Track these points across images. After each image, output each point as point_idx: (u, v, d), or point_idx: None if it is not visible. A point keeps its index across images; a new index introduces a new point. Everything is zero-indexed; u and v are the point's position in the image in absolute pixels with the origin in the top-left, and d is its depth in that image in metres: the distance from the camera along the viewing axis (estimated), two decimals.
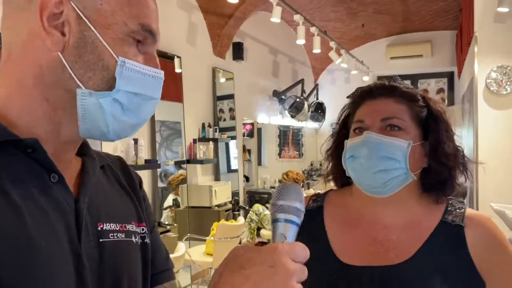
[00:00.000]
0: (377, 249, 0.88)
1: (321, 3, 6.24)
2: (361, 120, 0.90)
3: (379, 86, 0.93)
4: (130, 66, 0.56)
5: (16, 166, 0.53)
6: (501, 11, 3.91)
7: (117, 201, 0.66)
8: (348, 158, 0.89)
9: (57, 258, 0.52)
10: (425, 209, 0.91)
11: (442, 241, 0.86)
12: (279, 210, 0.55)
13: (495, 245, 0.85)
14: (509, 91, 4.03)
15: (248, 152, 5.90)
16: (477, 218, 0.88)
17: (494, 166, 4.08)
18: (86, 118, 0.56)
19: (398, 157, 0.85)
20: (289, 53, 7.01)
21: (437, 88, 7.62)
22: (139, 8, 0.58)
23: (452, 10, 6.48)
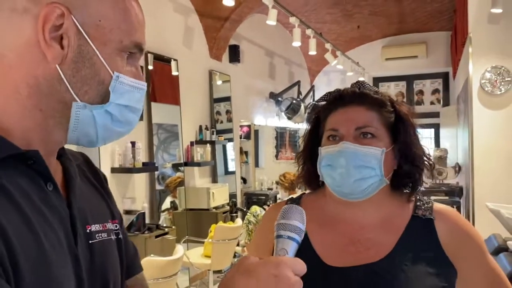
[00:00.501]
0: (358, 249, 0.91)
1: (317, 5, 6.27)
2: (335, 128, 0.92)
3: (351, 93, 0.95)
4: (122, 80, 0.59)
5: (20, 178, 0.54)
6: (495, 12, 3.95)
7: (94, 201, 0.69)
8: (325, 166, 0.92)
9: (64, 265, 0.55)
10: (397, 207, 0.95)
11: (415, 234, 0.91)
12: (282, 228, 0.63)
13: (463, 234, 0.92)
14: (503, 91, 4.07)
15: (245, 154, 5.92)
16: (445, 211, 0.95)
17: (489, 166, 4.12)
18: (77, 128, 0.59)
19: (373, 165, 0.89)
20: (285, 55, 7.04)
21: (432, 88, 7.67)
22: (132, 25, 0.60)
23: (446, 11, 6.53)
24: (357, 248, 0.92)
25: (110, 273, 0.65)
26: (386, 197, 0.95)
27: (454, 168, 5.87)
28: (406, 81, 7.79)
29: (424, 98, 7.73)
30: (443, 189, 5.52)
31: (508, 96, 4.07)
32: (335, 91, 0.99)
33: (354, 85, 0.99)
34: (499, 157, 4.10)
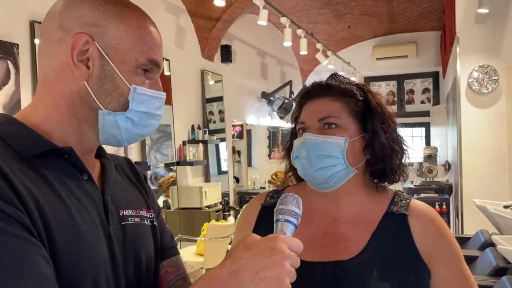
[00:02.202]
0: (328, 242, 0.92)
1: (308, 5, 6.32)
2: (303, 121, 0.95)
3: (316, 86, 0.97)
4: (140, 91, 0.71)
5: (58, 168, 0.67)
6: (481, 12, 4.03)
7: (130, 192, 0.82)
8: (294, 158, 0.95)
9: (95, 238, 0.68)
10: (373, 201, 0.95)
11: (388, 231, 0.91)
12: (279, 213, 0.67)
13: (437, 232, 0.91)
14: (490, 90, 4.15)
15: (237, 154, 5.96)
16: (420, 208, 0.93)
17: (477, 163, 4.19)
18: (105, 131, 0.72)
19: (336, 154, 0.89)
20: (277, 55, 7.09)
21: (422, 88, 7.75)
22: (148, 45, 0.72)
23: (436, 11, 6.61)
24: (328, 242, 0.92)
25: (142, 252, 0.77)
26: (360, 190, 0.95)
27: (444, 166, 5.95)
28: (397, 80, 7.87)
29: (414, 97, 7.81)
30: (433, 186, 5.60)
31: (494, 94, 4.15)
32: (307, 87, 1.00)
33: (329, 78, 1.00)
34: (486, 155, 4.17)
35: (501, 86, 4.14)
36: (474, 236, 3.42)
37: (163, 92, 0.75)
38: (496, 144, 4.15)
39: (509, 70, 4.11)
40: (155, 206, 0.87)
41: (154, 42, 0.73)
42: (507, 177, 4.13)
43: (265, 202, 1.03)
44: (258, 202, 1.04)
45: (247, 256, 0.59)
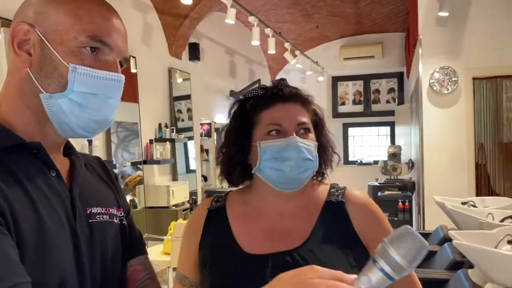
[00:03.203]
0: (276, 236, 0.97)
1: (276, 5, 6.37)
2: (278, 123, 0.97)
3: (289, 92, 1.01)
4: (82, 71, 0.69)
5: (26, 164, 0.68)
6: (442, 16, 4.17)
7: (100, 190, 0.82)
8: (269, 159, 0.96)
9: (60, 234, 0.67)
10: (314, 194, 1.04)
11: (329, 219, 0.99)
12: (383, 255, 0.52)
13: (372, 216, 0.99)
14: (450, 91, 4.30)
15: (206, 152, 5.94)
16: (356, 195, 1.03)
17: (438, 162, 4.35)
18: (54, 117, 0.70)
19: (313, 157, 0.97)
20: (245, 53, 7.10)
21: (388, 88, 7.94)
22: (90, 24, 0.71)
23: (400, 13, 6.79)
24: (275, 236, 0.98)
25: (109, 250, 0.77)
26: (307, 185, 1.02)
27: (408, 164, 6.13)
28: (364, 80, 8.03)
29: (380, 97, 7.99)
30: (397, 184, 5.76)
31: (454, 95, 4.31)
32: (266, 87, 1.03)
33: (276, 81, 1.04)
34: (446, 153, 4.33)
35: (460, 87, 4.30)
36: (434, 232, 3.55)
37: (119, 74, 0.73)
38: (455, 143, 4.31)
39: (467, 71, 4.28)
40: (125, 205, 0.87)
41: (101, 21, 0.72)
42: (465, 175, 4.30)
43: (211, 207, 1.07)
44: (205, 207, 1.09)
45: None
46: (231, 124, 1.06)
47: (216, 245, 1.02)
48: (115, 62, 0.73)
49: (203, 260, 1.02)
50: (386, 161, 6.16)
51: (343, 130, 8.03)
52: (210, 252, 1.01)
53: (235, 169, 1.04)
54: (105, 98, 0.72)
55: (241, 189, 1.10)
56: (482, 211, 2.89)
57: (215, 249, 1.01)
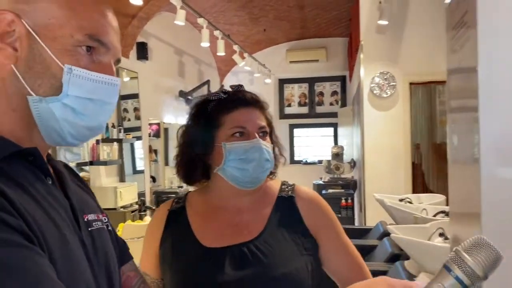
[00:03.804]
0: (234, 230, 1.06)
1: (225, 7, 6.43)
2: (243, 126, 1.05)
3: (250, 97, 1.09)
4: (78, 73, 0.61)
5: (25, 172, 0.60)
6: (382, 24, 4.44)
7: (85, 196, 0.75)
8: (235, 160, 1.03)
9: (76, 246, 0.62)
10: (267, 190, 1.13)
11: (281, 213, 1.08)
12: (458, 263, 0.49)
13: (319, 209, 1.11)
14: (389, 95, 4.59)
15: (154, 153, 5.89)
16: (304, 190, 1.14)
17: (378, 161, 4.61)
18: (42, 123, 0.62)
19: (271, 158, 1.06)
20: (194, 54, 7.11)
21: (331, 90, 8.26)
22: (87, 21, 0.63)
23: (344, 19, 7.09)
24: (233, 230, 1.06)
25: (110, 258, 0.71)
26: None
27: (350, 163, 6.43)
28: (309, 83, 8.30)
29: (324, 99, 8.29)
30: (340, 182, 6.02)
31: (393, 98, 4.60)
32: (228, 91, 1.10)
33: (235, 86, 1.12)
34: (385, 153, 4.61)
35: (398, 91, 4.59)
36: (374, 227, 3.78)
37: (116, 77, 0.66)
38: (393, 144, 4.60)
39: (405, 77, 4.58)
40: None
41: (98, 18, 0.64)
42: (402, 174, 4.60)
43: (172, 207, 1.12)
44: (166, 208, 1.14)
45: None
46: (192, 124, 1.10)
47: (177, 243, 1.07)
48: (110, 64, 0.66)
49: (164, 258, 1.07)
50: (329, 160, 6.42)
51: (289, 130, 8.25)
52: (171, 250, 1.07)
53: (196, 169, 1.09)
54: (101, 104, 0.64)
55: (200, 189, 1.16)
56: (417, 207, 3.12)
57: (176, 246, 1.07)
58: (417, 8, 4.49)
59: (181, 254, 1.06)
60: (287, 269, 1.00)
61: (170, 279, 1.04)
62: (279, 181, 1.16)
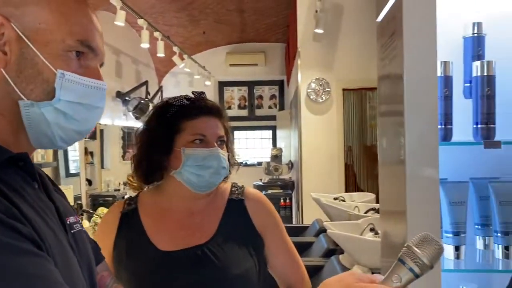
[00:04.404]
0: (187, 233, 1.10)
1: (164, 8, 6.39)
2: (203, 134, 1.10)
3: (211, 106, 1.14)
4: (70, 78, 0.62)
5: (17, 178, 0.61)
6: (318, 32, 4.66)
7: (62, 199, 0.74)
8: (192, 166, 1.08)
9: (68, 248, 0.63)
10: (218, 193, 1.18)
11: (232, 215, 1.15)
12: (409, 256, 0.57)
13: (266, 210, 1.19)
14: (325, 100, 4.83)
15: (90, 155, 5.71)
16: (252, 193, 1.21)
17: (314, 162, 4.84)
18: (32, 128, 0.63)
19: (227, 166, 1.13)
20: (132, 54, 6.97)
21: (270, 94, 8.46)
22: (77, 26, 0.63)
23: (281, 25, 7.30)
24: (186, 232, 1.10)
25: (91, 259, 0.72)
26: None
27: (288, 165, 6.64)
28: (248, 86, 8.43)
29: (263, 102, 8.47)
30: (279, 183, 6.21)
31: (328, 103, 4.85)
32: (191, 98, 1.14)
33: (196, 93, 1.16)
34: (321, 155, 4.85)
35: (332, 96, 4.84)
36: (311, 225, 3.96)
37: (104, 82, 0.67)
38: (328, 146, 4.85)
39: (338, 83, 4.84)
40: None
41: (87, 23, 0.65)
42: (337, 174, 4.85)
43: (124, 209, 1.15)
44: (118, 209, 1.16)
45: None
46: (153, 128, 1.13)
47: (131, 246, 1.10)
48: (97, 69, 0.67)
49: (119, 260, 1.10)
50: (268, 162, 6.59)
51: None
52: (125, 253, 1.09)
53: (155, 170, 1.13)
54: (91, 108, 0.66)
55: (152, 190, 1.18)
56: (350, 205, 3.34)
57: (131, 249, 1.10)
58: (351, 19, 4.76)
59: (136, 257, 1.09)
60: (239, 270, 1.06)
61: (126, 281, 1.06)
62: (229, 184, 1.22)
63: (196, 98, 1.15)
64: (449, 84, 1.14)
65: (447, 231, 1.18)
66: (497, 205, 1.17)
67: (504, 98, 1.16)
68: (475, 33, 1.19)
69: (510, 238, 1.15)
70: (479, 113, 1.12)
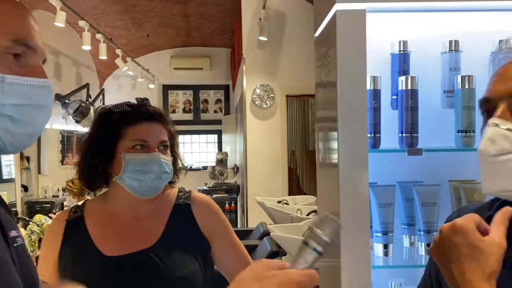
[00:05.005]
0: (132, 238, 1.12)
1: (107, 9, 6.24)
2: (144, 139, 1.11)
3: (153, 112, 1.16)
4: (11, 80, 0.60)
5: None
6: (262, 39, 4.78)
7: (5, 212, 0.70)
8: (133, 171, 1.09)
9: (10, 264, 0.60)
10: (164, 198, 1.21)
11: (178, 219, 1.18)
12: (312, 238, 0.59)
13: (213, 214, 1.23)
14: (269, 105, 4.95)
15: (26, 160, 5.44)
16: (199, 197, 1.24)
17: (259, 166, 4.94)
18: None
19: (170, 170, 1.14)
20: (73, 55, 6.72)
21: (215, 98, 8.49)
22: (11, 27, 0.62)
23: (227, 31, 7.36)
24: (132, 237, 1.12)
25: (34, 274, 0.69)
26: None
27: (233, 169, 6.70)
28: (193, 90, 8.41)
29: (208, 106, 8.48)
30: (224, 187, 6.25)
31: (272, 109, 4.97)
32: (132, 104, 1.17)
33: (140, 100, 1.19)
34: (266, 159, 4.96)
35: (277, 102, 4.98)
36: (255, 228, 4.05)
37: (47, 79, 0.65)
38: (273, 150, 4.97)
39: (282, 90, 4.99)
40: None
41: (22, 22, 0.63)
42: (280, 177, 4.98)
43: (70, 217, 1.16)
44: (63, 217, 1.17)
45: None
46: (95, 134, 1.15)
47: (77, 253, 1.11)
48: (40, 66, 0.66)
49: (65, 267, 1.10)
50: (214, 166, 6.61)
51: None
52: (71, 261, 1.10)
53: (98, 176, 1.14)
54: (38, 108, 0.64)
55: (98, 197, 1.20)
56: (293, 208, 3.45)
57: (76, 256, 1.10)
58: (294, 27, 4.93)
59: (82, 264, 1.09)
60: (183, 273, 1.09)
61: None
62: (176, 189, 1.24)
63: (138, 104, 1.17)
64: (377, 97, 1.25)
65: (377, 230, 1.29)
66: (420, 206, 1.29)
67: (426, 110, 1.29)
68: (401, 51, 1.31)
69: (431, 236, 1.28)
70: (404, 123, 1.24)
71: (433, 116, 1.32)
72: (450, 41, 1.31)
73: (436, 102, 1.33)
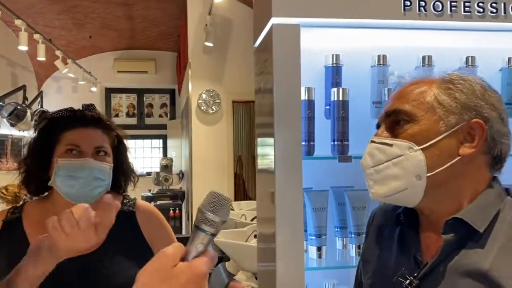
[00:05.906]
0: None
1: (45, 9, 5.98)
2: (77, 145, 1.11)
3: (91, 117, 1.16)
4: None
5: None
6: (208, 45, 4.79)
7: None
8: (64, 176, 1.08)
9: None
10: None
11: (122, 227, 1.15)
12: (207, 223, 0.59)
13: (156, 221, 1.25)
14: (215, 111, 4.96)
15: None
16: (143, 205, 1.26)
17: (205, 171, 4.93)
18: None
19: (105, 177, 1.13)
20: (8, 55, 6.38)
21: (160, 103, 8.36)
22: None
23: (173, 35, 7.29)
24: None
25: None
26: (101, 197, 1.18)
27: (178, 175, 6.63)
28: (137, 94, 8.23)
29: (153, 111, 8.34)
30: (168, 194, 6.17)
31: (218, 115, 4.99)
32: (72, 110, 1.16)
33: (85, 106, 1.19)
34: (211, 165, 4.96)
35: (223, 108, 5.00)
36: None
37: None
38: (219, 156, 4.98)
39: (228, 95, 5.02)
40: None
41: None
42: (226, 183, 5.00)
43: (7, 218, 1.14)
44: (0, 217, 1.14)
45: None
46: (35, 139, 1.14)
47: (12, 255, 1.06)
48: None
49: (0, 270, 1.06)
50: (158, 172, 6.50)
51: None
52: (7, 262, 1.07)
53: (34, 180, 1.13)
54: None
55: (39, 200, 1.18)
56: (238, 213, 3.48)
57: (12, 258, 1.05)
58: (239, 34, 4.98)
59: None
60: (124, 279, 1.09)
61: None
62: (121, 196, 1.24)
63: (80, 110, 1.17)
64: (312, 107, 1.32)
65: (311, 233, 1.35)
66: (351, 210, 1.37)
67: (356, 120, 1.38)
68: (334, 64, 1.39)
69: (361, 238, 1.36)
70: (335, 132, 1.32)
71: (363, 125, 1.40)
72: (378, 56, 1.40)
73: (365, 113, 1.41)
